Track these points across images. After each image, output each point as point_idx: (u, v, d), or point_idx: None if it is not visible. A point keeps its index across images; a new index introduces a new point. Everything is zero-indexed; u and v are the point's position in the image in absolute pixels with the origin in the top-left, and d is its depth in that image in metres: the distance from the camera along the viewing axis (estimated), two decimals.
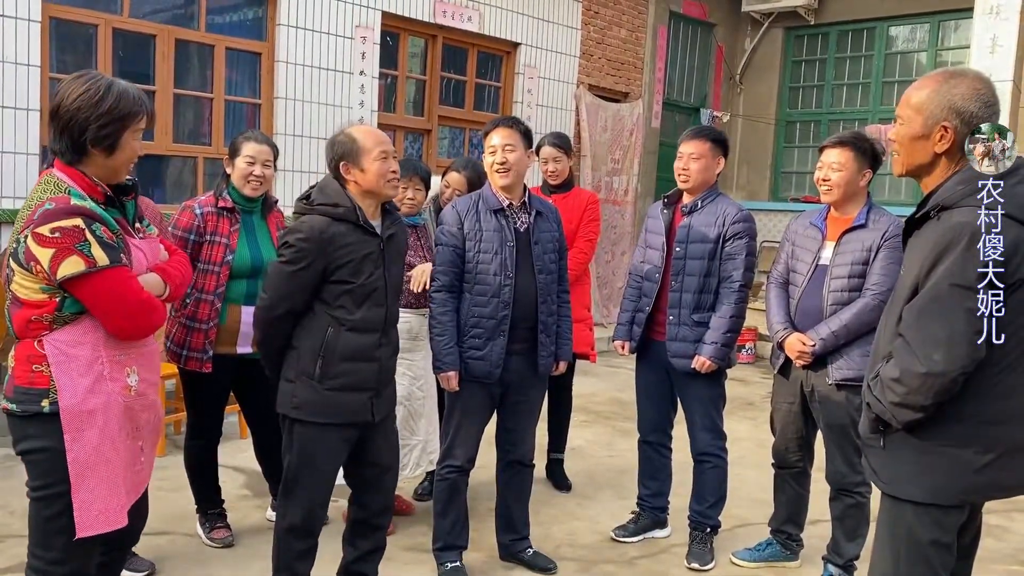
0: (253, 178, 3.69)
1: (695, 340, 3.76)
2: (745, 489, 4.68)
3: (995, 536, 4.46)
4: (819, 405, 3.56)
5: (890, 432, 2.25)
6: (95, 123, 2.27)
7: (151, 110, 2.41)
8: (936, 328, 2.09)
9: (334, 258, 2.88)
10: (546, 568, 3.75)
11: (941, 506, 2.22)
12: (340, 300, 2.92)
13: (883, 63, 10.91)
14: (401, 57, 8.02)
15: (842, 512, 3.57)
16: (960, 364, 2.08)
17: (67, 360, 2.29)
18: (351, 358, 2.96)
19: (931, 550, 2.23)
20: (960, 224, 2.09)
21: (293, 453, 3.01)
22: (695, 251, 3.75)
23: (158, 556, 3.67)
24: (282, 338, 2.99)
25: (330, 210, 2.91)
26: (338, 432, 3.01)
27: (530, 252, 3.55)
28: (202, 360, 3.68)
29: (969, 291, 2.07)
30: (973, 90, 2.18)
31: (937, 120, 2.19)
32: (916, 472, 2.22)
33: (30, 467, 2.36)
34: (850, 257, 3.45)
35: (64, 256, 2.20)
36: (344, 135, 3.00)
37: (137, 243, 2.45)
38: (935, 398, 2.11)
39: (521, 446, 3.75)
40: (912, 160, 2.28)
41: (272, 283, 2.95)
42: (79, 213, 2.23)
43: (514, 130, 3.57)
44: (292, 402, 2.97)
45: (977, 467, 2.17)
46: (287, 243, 2.90)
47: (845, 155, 3.48)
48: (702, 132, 3.86)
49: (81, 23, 6.01)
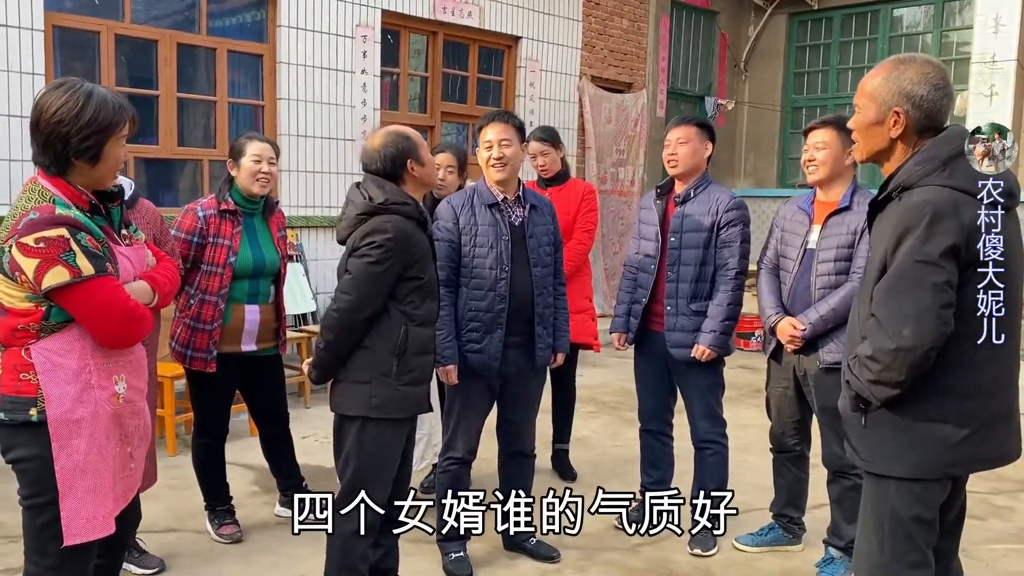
0: (261, 175, 3.75)
1: (693, 329, 3.78)
2: (750, 475, 4.70)
3: (1001, 516, 4.47)
4: (812, 389, 3.58)
5: (870, 410, 2.28)
6: (76, 136, 2.24)
7: (134, 115, 2.39)
8: (904, 304, 2.14)
9: (411, 255, 2.93)
10: (550, 557, 3.80)
11: (922, 481, 2.25)
12: (410, 297, 2.96)
13: (888, 46, 10.86)
14: (402, 55, 8.06)
15: (840, 494, 3.59)
16: (929, 338, 2.12)
17: (55, 369, 2.28)
18: (419, 352, 3.01)
19: (914, 526, 2.26)
20: (921, 202, 2.14)
21: (363, 454, 2.98)
22: (690, 240, 3.77)
23: (168, 553, 3.74)
24: (357, 341, 2.96)
25: (403, 208, 2.94)
26: (405, 426, 3.08)
27: (525, 246, 3.59)
28: (207, 360, 3.74)
29: (934, 266, 2.11)
30: (921, 74, 2.24)
31: (889, 106, 2.26)
32: (897, 449, 2.25)
33: (21, 476, 2.34)
34: (835, 240, 3.47)
35: (49, 266, 2.19)
36: (396, 135, 3.02)
37: (123, 251, 2.44)
38: (908, 373, 2.15)
39: (522, 437, 3.80)
40: (870, 146, 2.35)
41: (358, 285, 2.90)
42: (64, 223, 2.22)
43: (509, 124, 3.60)
44: (372, 402, 2.95)
45: (956, 441, 2.21)
46: (374, 243, 2.87)
47: (829, 134, 3.52)
48: (686, 119, 3.91)
49: (83, 30, 6.08)
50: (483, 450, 3.75)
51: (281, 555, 3.80)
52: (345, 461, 3.01)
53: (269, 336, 3.93)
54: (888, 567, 2.28)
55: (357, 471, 2.99)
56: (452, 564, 3.65)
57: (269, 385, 4.06)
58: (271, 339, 3.95)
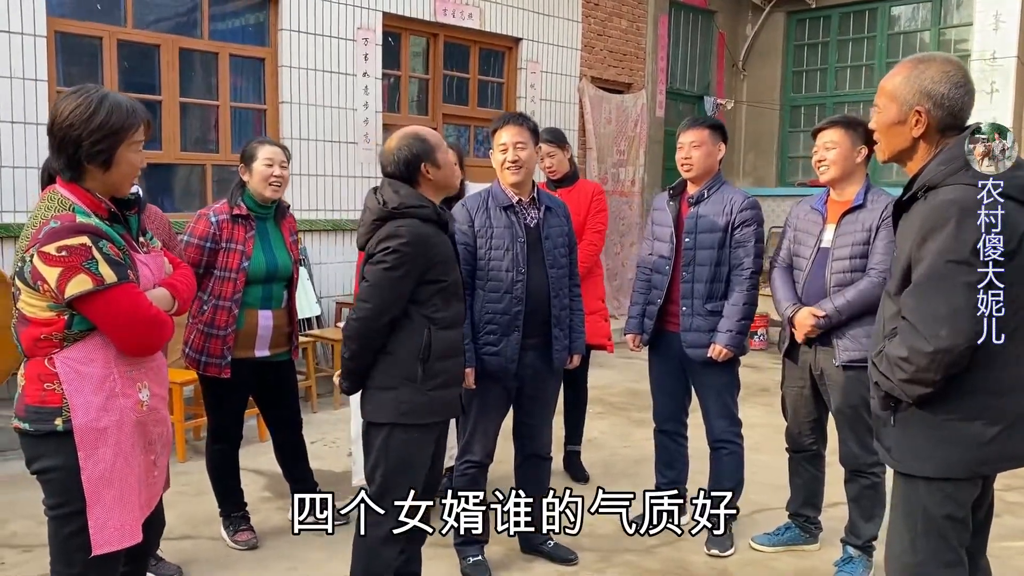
0: (274, 179, 3.75)
1: (709, 329, 3.79)
2: (762, 475, 4.70)
3: (1013, 513, 4.48)
4: (829, 387, 3.58)
5: (900, 409, 2.28)
6: (88, 139, 2.24)
7: (148, 120, 2.37)
8: (938, 305, 2.13)
9: (430, 258, 2.89)
10: (567, 559, 3.79)
11: (953, 480, 2.25)
12: (433, 300, 2.93)
13: (886, 44, 10.88)
14: (403, 57, 8.04)
15: (857, 493, 3.59)
16: (966, 337, 2.12)
17: (79, 378, 2.27)
18: (446, 356, 2.97)
19: (947, 525, 2.26)
20: (948, 201, 2.13)
21: (391, 460, 2.95)
22: (704, 241, 3.78)
23: (183, 560, 3.73)
24: (379, 348, 2.93)
25: (419, 211, 2.90)
26: (434, 432, 3.04)
27: (541, 247, 3.59)
28: (221, 366, 3.73)
29: (965, 265, 2.11)
30: (943, 72, 2.23)
31: (911, 105, 2.26)
32: (927, 448, 2.25)
33: (46, 486, 2.34)
34: (850, 238, 3.49)
35: (72, 275, 2.18)
36: (411, 138, 2.98)
37: (143, 258, 2.43)
38: (945, 372, 2.16)
39: (538, 439, 3.79)
40: (893, 146, 2.34)
41: (376, 292, 2.87)
42: (85, 231, 2.22)
43: (524, 127, 3.60)
44: (399, 408, 2.92)
45: (986, 439, 2.21)
46: (389, 249, 2.84)
47: (837, 134, 3.54)
48: (699, 121, 3.91)
49: (86, 36, 6.06)
50: (498, 453, 3.74)
51: (297, 560, 3.79)
52: (373, 467, 2.99)
53: (282, 341, 3.92)
54: (921, 566, 2.27)
55: (384, 478, 2.97)
56: (470, 568, 3.65)
57: (283, 390, 4.04)
58: (284, 344, 3.94)
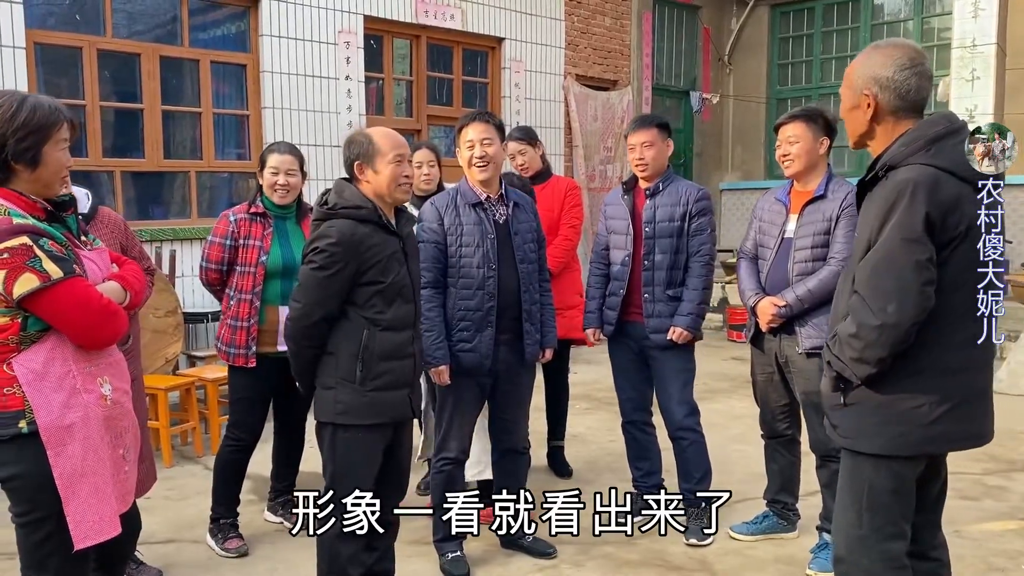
0: (279, 187, 3.91)
1: (671, 315, 3.90)
2: (743, 464, 4.73)
3: (993, 496, 4.51)
4: (793, 375, 3.64)
5: (851, 389, 2.32)
6: (12, 137, 2.27)
7: (72, 120, 2.41)
8: (887, 281, 2.18)
9: (364, 259, 2.91)
10: (546, 553, 3.81)
11: (899, 458, 2.30)
12: (372, 301, 2.94)
13: (870, 35, 10.91)
14: (386, 59, 8.08)
15: (829, 479, 3.60)
16: (912, 314, 2.17)
17: (39, 379, 2.28)
18: (389, 357, 2.99)
19: (891, 500, 2.32)
20: (905, 180, 2.19)
21: (336, 461, 3.01)
22: (663, 230, 3.89)
23: (166, 564, 3.75)
24: (317, 347, 2.97)
25: (354, 212, 2.93)
26: (380, 432, 3.05)
27: (511, 243, 3.61)
28: (247, 356, 3.86)
29: (916, 243, 2.16)
30: (889, 57, 2.32)
31: (860, 90, 2.35)
32: (874, 426, 2.30)
33: (11, 494, 2.33)
34: (812, 228, 3.54)
35: (17, 275, 2.19)
36: (362, 135, 3.02)
37: (87, 255, 2.45)
38: (891, 349, 2.20)
39: (514, 434, 3.82)
40: (854, 130, 2.43)
41: (305, 291, 2.93)
42: (23, 231, 2.23)
43: (489, 124, 3.63)
44: (336, 408, 2.96)
45: (931, 419, 2.25)
46: (317, 249, 2.89)
47: (799, 128, 3.60)
48: (647, 120, 4.01)
49: (66, 47, 6.09)
50: None
51: (278, 560, 3.82)
52: (324, 465, 3.06)
53: None
54: (866, 539, 2.33)
55: (333, 476, 3.02)
56: (449, 564, 3.67)
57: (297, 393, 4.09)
58: None
